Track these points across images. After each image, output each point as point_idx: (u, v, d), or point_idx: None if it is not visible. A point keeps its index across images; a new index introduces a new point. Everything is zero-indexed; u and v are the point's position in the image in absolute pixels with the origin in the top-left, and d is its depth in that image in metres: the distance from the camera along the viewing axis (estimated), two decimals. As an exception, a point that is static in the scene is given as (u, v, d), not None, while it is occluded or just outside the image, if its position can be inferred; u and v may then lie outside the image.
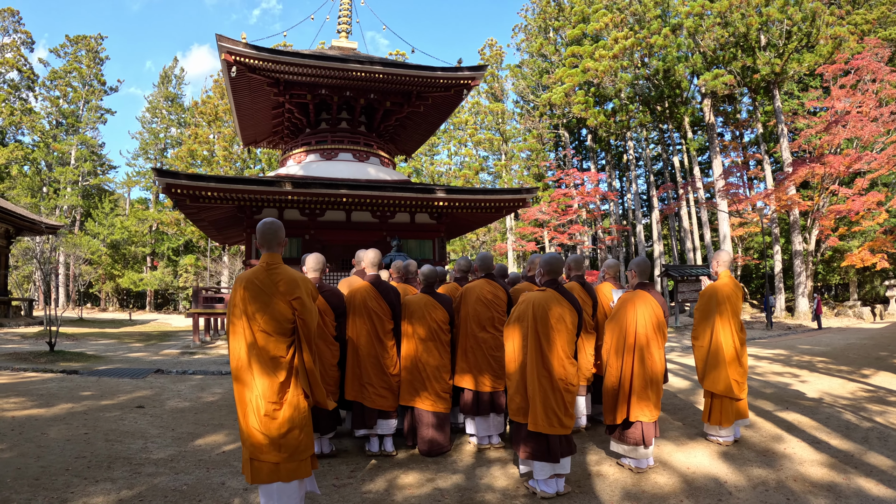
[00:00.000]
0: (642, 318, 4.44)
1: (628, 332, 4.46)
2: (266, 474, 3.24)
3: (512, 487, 4.10)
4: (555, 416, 3.86)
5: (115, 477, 4.25)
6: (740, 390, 4.91)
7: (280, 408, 3.25)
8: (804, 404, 6.49)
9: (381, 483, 4.22)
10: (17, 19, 47.23)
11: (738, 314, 5.04)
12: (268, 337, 3.25)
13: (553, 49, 41.09)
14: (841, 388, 7.45)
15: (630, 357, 4.41)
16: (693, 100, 35.48)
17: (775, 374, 9.00)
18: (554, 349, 3.93)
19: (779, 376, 8.70)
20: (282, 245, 3.46)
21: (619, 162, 46.19)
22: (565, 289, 4.18)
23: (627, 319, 4.50)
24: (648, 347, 4.39)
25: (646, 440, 4.32)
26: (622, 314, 4.56)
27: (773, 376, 8.70)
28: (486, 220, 21.22)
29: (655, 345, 4.42)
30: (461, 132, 52.03)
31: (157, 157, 52.15)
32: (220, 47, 16.24)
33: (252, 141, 25.26)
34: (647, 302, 4.54)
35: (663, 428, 5.60)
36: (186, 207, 17.75)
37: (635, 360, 4.38)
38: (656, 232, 37.82)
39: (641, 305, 4.50)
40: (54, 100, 48.25)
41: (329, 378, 4.85)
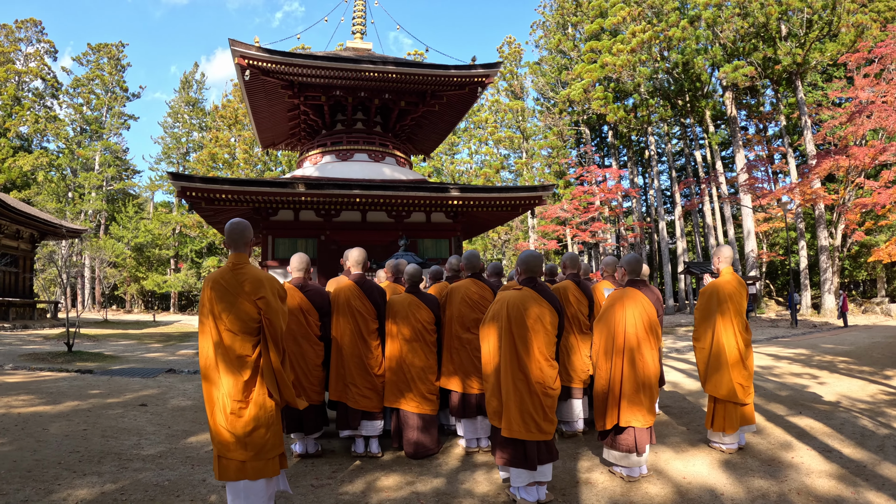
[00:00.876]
0: (632, 319, 4.22)
1: (617, 334, 4.25)
2: (233, 472, 3.28)
3: (492, 494, 3.97)
4: (532, 421, 3.68)
5: (102, 471, 4.41)
6: (745, 395, 4.66)
7: (246, 406, 3.29)
8: (819, 408, 6.21)
9: (360, 485, 4.18)
10: (39, 29, 48.50)
11: (741, 313, 4.80)
12: (234, 336, 3.28)
13: (571, 45, 40.67)
14: (861, 391, 7.13)
15: (620, 359, 4.20)
16: (714, 93, 34.80)
17: (793, 375, 8.72)
18: (531, 351, 3.75)
19: (797, 378, 8.41)
20: (248, 245, 3.49)
21: (641, 158, 45.61)
22: (545, 287, 3.96)
23: (615, 320, 4.28)
24: (639, 349, 4.18)
25: (638, 447, 4.10)
26: (610, 314, 4.34)
27: (790, 378, 8.43)
28: (503, 218, 21.05)
29: (647, 346, 4.20)
30: (481, 131, 51.92)
31: (180, 161, 52.93)
32: (234, 51, 16.38)
33: (270, 143, 25.46)
34: (638, 301, 4.30)
35: (664, 433, 5.42)
36: (203, 210, 17.96)
37: (625, 362, 4.18)
38: (679, 228, 37.24)
39: (631, 305, 4.27)
40: (78, 107, 49.27)
41: (313, 378, 4.86)
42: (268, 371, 3.39)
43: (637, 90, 34.75)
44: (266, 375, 3.38)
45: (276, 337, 3.40)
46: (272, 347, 3.39)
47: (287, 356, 4.58)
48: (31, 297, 27.59)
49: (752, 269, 29.57)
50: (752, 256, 29.77)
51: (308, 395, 4.78)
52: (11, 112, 44.31)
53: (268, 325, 3.37)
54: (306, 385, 4.81)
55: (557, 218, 40.16)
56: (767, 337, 16.63)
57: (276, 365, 3.41)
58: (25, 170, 42.50)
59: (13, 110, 44.44)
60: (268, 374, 3.38)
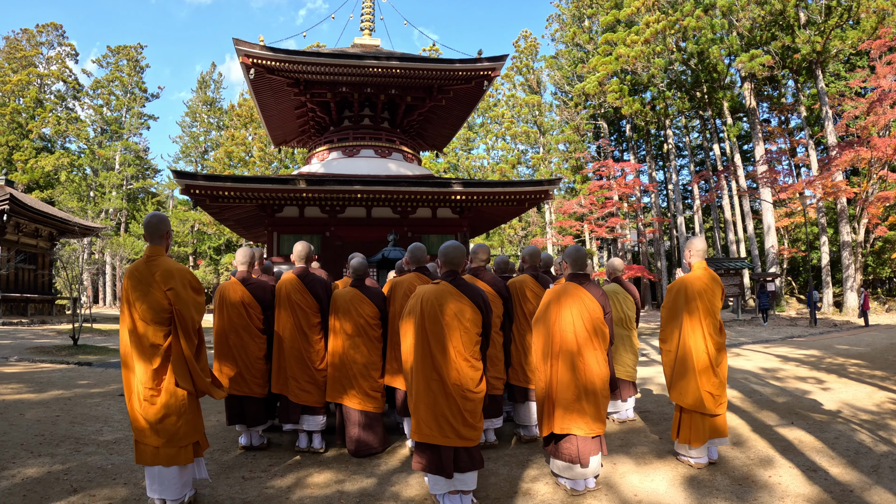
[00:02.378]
0: (570, 318, 3.81)
1: (553, 335, 3.85)
2: (148, 457, 3.42)
3: (419, 498, 3.80)
4: (448, 425, 3.40)
5: (56, 453, 4.69)
6: (716, 405, 4.19)
7: (158, 394, 3.40)
8: (815, 418, 5.71)
9: (289, 480, 4.16)
10: (60, 33, 49.55)
11: (713, 313, 4.30)
12: (146, 325, 3.40)
13: (587, 38, 40.08)
14: (867, 399, 6.53)
15: (557, 363, 3.83)
16: (734, 85, 33.97)
17: (798, 379, 8.18)
18: (446, 350, 3.44)
19: (801, 382, 7.89)
20: (164, 238, 3.60)
21: (660, 152, 44.85)
22: (465, 282, 3.64)
23: (551, 319, 3.88)
24: (580, 352, 3.77)
25: (582, 458, 3.72)
26: (546, 313, 3.95)
27: (793, 382, 7.91)
28: (511, 213, 20.74)
29: (590, 349, 3.79)
30: (498, 126, 51.59)
31: (198, 160, 53.48)
32: (238, 50, 16.47)
33: (282, 141, 25.56)
34: (578, 298, 3.86)
35: (632, 442, 5.06)
36: (209, 207, 18.02)
37: (563, 366, 3.80)
38: (698, 224, 36.56)
39: (570, 303, 3.86)
40: (98, 108, 50.03)
41: (256, 371, 4.88)
42: (178, 360, 3.46)
43: (651, 81, 34.05)
44: (176, 364, 3.45)
45: (186, 327, 3.47)
46: (182, 337, 3.46)
47: (231, 349, 4.84)
48: (51, 293, 28.10)
49: (773, 265, 28.82)
50: (772, 252, 28.99)
51: (251, 388, 4.83)
52: (34, 114, 45.18)
53: (178, 315, 3.45)
54: (248, 378, 4.84)
55: (574, 213, 39.67)
56: (783, 336, 16.02)
57: (188, 354, 3.48)
58: (47, 170, 43.29)
59: (35, 112, 45.32)
60: (178, 362, 3.46)
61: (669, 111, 35.10)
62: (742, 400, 6.68)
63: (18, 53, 46.97)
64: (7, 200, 21.24)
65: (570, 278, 4.07)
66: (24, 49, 47.57)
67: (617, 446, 4.95)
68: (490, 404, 4.86)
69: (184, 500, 3.55)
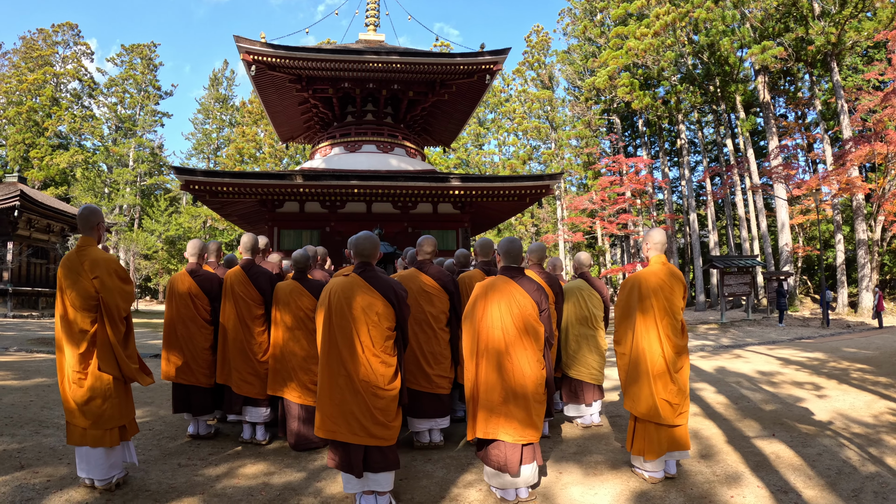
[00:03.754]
0: (497, 315, 3.56)
1: (479, 332, 3.60)
2: (77, 437, 3.57)
3: (340, 496, 3.69)
4: (357, 422, 3.27)
5: (17, 434, 4.95)
6: (674, 414, 3.80)
7: (85, 377, 3.54)
8: (801, 430, 5.23)
9: (222, 469, 4.21)
10: (76, 32, 50.23)
11: (671, 312, 3.91)
12: (76, 311, 3.55)
13: (599, 32, 39.53)
14: (864, 409, 6.02)
15: (483, 362, 3.58)
16: (748, 78, 33.22)
17: (794, 384, 7.69)
18: (353, 345, 3.31)
19: (797, 388, 7.40)
20: (94, 229, 3.75)
21: (674, 148, 44.19)
22: (377, 274, 3.51)
23: (478, 315, 3.62)
24: (508, 352, 3.52)
25: (510, 467, 3.46)
26: (473, 309, 3.69)
27: (789, 387, 7.45)
28: (513, 209, 20.49)
29: (520, 348, 3.53)
30: (510, 122, 51.29)
31: (210, 157, 53.89)
32: (239, 48, 16.52)
33: (289, 137, 25.62)
34: (507, 293, 3.60)
35: (590, 449, 4.78)
36: (210, 203, 18.12)
37: (489, 366, 3.55)
38: (711, 221, 35.94)
39: (498, 298, 3.59)
40: (112, 106, 50.66)
41: (202, 361, 4.97)
42: (104, 345, 3.59)
43: (662, 75, 33.47)
44: (102, 349, 3.58)
45: (111, 314, 3.61)
46: (108, 323, 3.60)
47: (178, 339, 4.98)
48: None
49: (787, 263, 28.19)
50: (786, 250, 28.34)
51: (197, 378, 4.94)
52: (50, 112, 45.79)
53: (103, 303, 3.59)
54: (195, 367, 4.94)
55: (585, 210, 39.25)
56: (792, 338, 15.49)
57: (114, 340, 3.60)
58: (62, 167, 43.87)
59: (51, 110, 45.92)
60: (104, 348, 3.59)
61: (681, 106, 34.44)
62: (726, 406, 6.34)
63: (35, 53, 47.61)
64: (17, 196, 21.53)
65: (502, 271, 3.80)
66: (41, 48, 48.22)
67: (571, 453, 4.68)
68: (435, 404, 4.74)
69: (111, 482, 3.65)
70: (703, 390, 7.31)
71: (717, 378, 8.22)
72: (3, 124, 44.45)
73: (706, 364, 9.74)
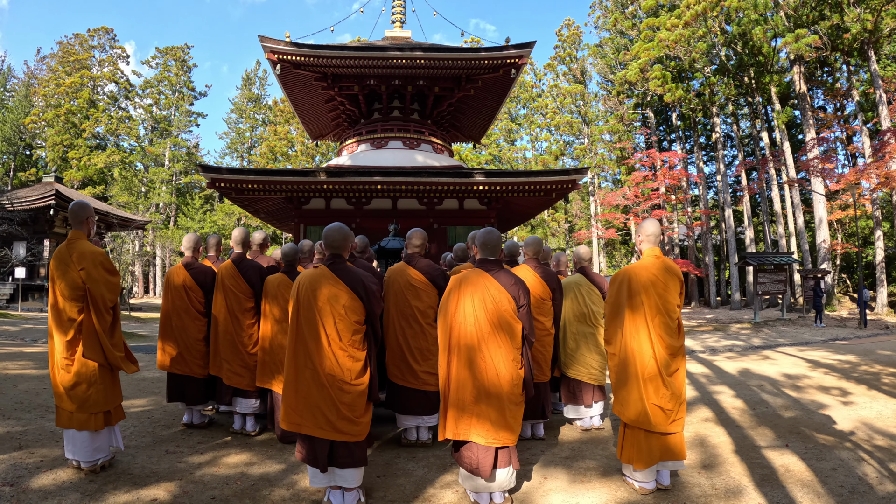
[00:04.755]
0: (471, 309, 3.39)
1: (452, 327, 3.44)
2: (64, 420, 3.79)
3: (312, 490, 3.69)
4: (322, 416, 3.23)
5: (23, 417, 5.27)
6: (667, 421, 3.51)
7: (72, 363, 3.74)
8: (819, 440, 4.84)
9: (206, 458, 4.34)
10: (111, 36, 51.82)
11: (664, 311, 3.61)
12: (65, 301, 3.76)
13: (630, 24, 38.78)
14: (892, 418, 5.60)
15: (455, 359, 3.43)
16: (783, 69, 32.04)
17: (820, 389, 7.22)
18: (319, 338, 3.26)
19: (822, 393, 6.96)
20: (83, 223, 3.95)
21: (709, 142, 43.11)
22: (346, 267, 3.46)
23: (450, 309, 3.47)
24: (481, 349, 3.34)
25: (482, 470, 3.29)
26: (446, 303, 3.54)
27: (813, 392, 7.00)
28: (540, 204, 20.26)
29: (494, 345, 3.35)
30: (542, 117, 50.87)
31: (244, 155, 54.79)
32: (264, 47, 16.73)
33: (319, 135, 25.85)
34: (481, 286, 3.43)
35: (583, 453, 4.53)
36: (237, 200, 18.36)
37: (461, 363, 3.39)
38: (747, 217, 34.94)
39: (471, 292, 3.42)
40: (147, 107, 51.95)
41: (195, 352, 5.12)
42: (89, 333, 3.78)
43: (694, 66, 32.61)
44: (87, 337, 3.77)
45: (97, 304, 3.79)
46: (94, 313, 3.78)
47: (173, 330, 5.16)
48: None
49: (824, 261, 27.19)
50: (823, 247, 27.30)
51: (191, 368, 5.10)
52: (87, 114, 47.22)
53: (89, 293, 3.78)
54: (188, 358, 5.10)
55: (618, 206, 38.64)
56: (826, 338, 14.84)
57: (99, 329, 3.78)
58: (99, 167, 45.19)
59: (89, 112, 47.36)
60: (89, 336, 3.77)
61: (715, 98, 33.49)
62: (742, 412, 5.99)
63: (71, 57, 49.18)
64: (52, 196, 22.18)
65: (477, 264, 3.62)
66: (77, 53, 49.80)
67: (562, 458, 4.47)
68: (423, 401, 4.69)
69: (96, 464, 3.86)
70: (720, 394, 7.02)
71: (739, 381, 7.92)
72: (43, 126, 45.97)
73: (730, 365, 9.42)
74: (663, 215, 35.90)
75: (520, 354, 3.46)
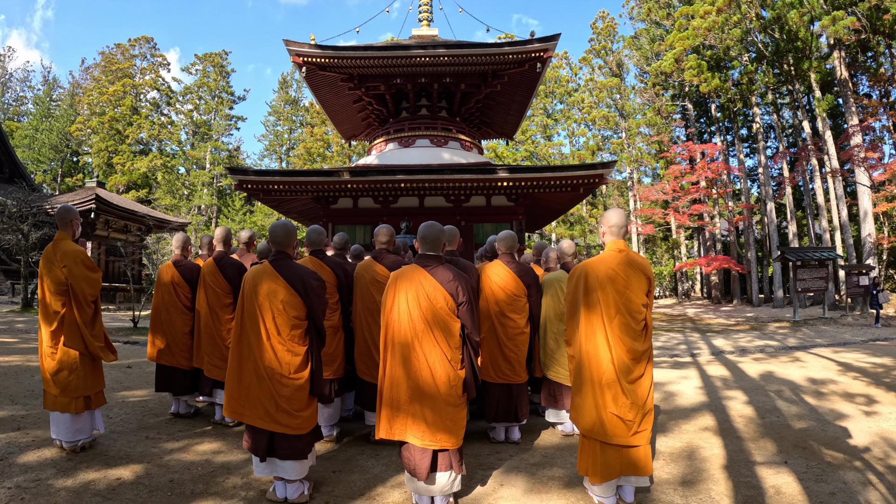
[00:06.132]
0: (405, 306, 3.31)
1: (388, 324, 3.39)
2: (49, 403, 4.17)
3: (265, 480, 3.77)
4: (262, 407, 3.30)
5: (28, 403, 5.63)
6: (627, 433, 3.18)
7: (56, 352, 4.12)
8: (826, 457, 4.33)
9: (180, 445, 4.57)
10: (152, 45, 53.71)
11: (626, 310, 3.28)
12: (51, 295, 4.13)
13: (665, 13, 37.82)
14: None
15: (388, 355, 3.36)
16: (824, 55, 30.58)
17: (844, 396, 6.57)
18: (259, 331, 3.35)
19: (845, 401, 6.33)
20: (68, 225, 4.29)
21: (750, 134, 41.69)
22: (289, 264, 3.49)
23: (388, 306, 3.42)
24: (415, 347, 3.25)
25: (418, 472, 3.20)
26: (385, 298, 3.48)
27: (836, 400, 6.39)
28: (570, 200, 19.90)
29: (430, 344, 3.25)
30: (578, 112, 50.23)
31: (283, 157, 55.80)
32: (290, 51, 17.05)
33: (351, 135, 26.14)
34: (418, 283, 3.33)
35: (555, 461, 4.27)
36: (266, 201, 18.73)
37: (396, 360, 3.32)
38: (790, 210, 33.65)
39: (406, 288, 3.34)
40: (188, 113, 53.51)
41: (181, 344, 5.40)
42: (70, 325, 4.13)
43: (728, 54, 31.49)
44: (68, 328, 4.12)
45: (78, 298, 4.15)
46: (76, 306, 4.14)
47: (162, 323, 5.49)
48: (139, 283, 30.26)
49: (870, 255, 25.91)
50: (869, 241, 25.99)
51: (177, 360, 5.39)
52: (130, 121, 48.98)
53: (71, 288, 4.14)
54: (175, 351, 5.39)
55: (657, 201, 37.78)
56: (866, 339, 13.76)
57: (79, 321, 4.14)
58: (142, 171, 46.77)
59: (132, 119, 49.07)
60: (70, 327, 4.13)
61: (754, 87, 32.30)
62: (748, 421, 5.51)
63: (114, 66, 51.22)
64: (93, 200, 23.02)
65: (416, 259, 3.52)
66: (119, 62, 51.83)
67: (529, 464, 4.26)
68: None
69: (77, 444, 4.21)
70: (731, 399, 6.57)
71: (757, 386, 7.40)
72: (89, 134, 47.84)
73: (754, 368, 8.91)
74: (704, 210, 34.94)
75: (459, 354, 3.36)
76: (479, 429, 5.10)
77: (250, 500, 3.47)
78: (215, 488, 3.65)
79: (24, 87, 60.67)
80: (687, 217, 33.44)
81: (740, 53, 31.89)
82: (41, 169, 50.86)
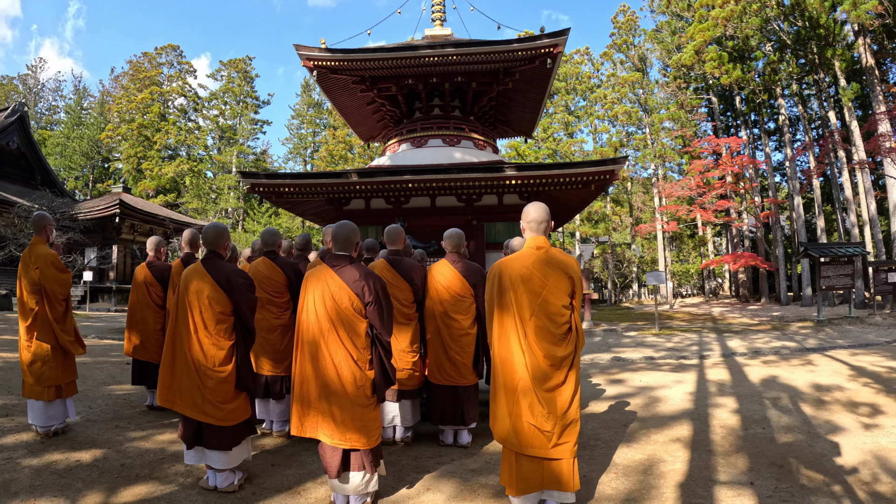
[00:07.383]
0: (312, 305, 3.33)
1: (300, 322, 3.43)
2: (26, 391, 4.58)
3: (204, 468, 3.96)
4: (189, 397, 3.53)
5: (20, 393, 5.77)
6: (546, 444, 2.96)
7: (31, 345, 4.54)
8: (802, 478, 3.86)
9: (142, 434, 4.86)
10: (178, 53, 55.10)
11: (544, 312, 3.05)
12: (26, 293, 4.56)
13: (685, 5, 37.08)
14: None
15: (300, 353, 3.38)
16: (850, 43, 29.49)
17: (848, 405, 6.07)
18: (188, 325, 3.55)
19: (847, 411, 5.82)
20: (42, 230, 4.69)
21: (777, 126, 40.62)
22: (217, 263, 3.69)
23: (300, 304, 3.48)
24: (321, 346, 3.26)
25: (329, 470, 3.21)
26: (300, 297, 3.52)
27: (836, 410, 5.88)
28: (581, 198, 19.62)
29: (336, 344, 3.24)
30: (600, 108, 49.70)
31: (307, 159, 56.47)
32: (300, 55, 17.26)
33: (369, 137, 26.29)
34: (324, 282, 3.33)
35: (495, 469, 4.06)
36: (279, 203, 18.96)
37: (306, 357, 3.34)
38: (817, 205, 32.67)
39: (314, 286, 3.36)
40: (214, 118, 54.64)
41: (154, 341, 5.70)
42: (42, 321, 4.54)
43: (748, 44, 30.63)
44: (41, 324, 4.53)
45: (49, 297, 4.56)
46: (48, 304, 4.56)
47: (137, 321, 5.84)
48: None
49: (902, 249, 25.01)
50: (900, 234, 25.09)
51: (150, 355, 5.69)
52: (158, 127, 50.25)
53: (43, 288, 4.55)
54: (149, 346, 5.70)
55: (681, 197, 37.07)
56: (891, 339, 12.85)
57: (51, 317, 4.55)
58: (170, 176, 47.99)
59: (160, 125, 50.31)
60: (42, 323, 4.54)
61: (777, 77, 31.41)
62: (727, 433, 5.08)
63: (141, 74, 52.75)
64: (117, 205, 23.61)
65: (326, 259, 3.50)
66: (146, 70, 53.29)
67: (468, 470, 4.10)
68: None
69: (49, 430, 4.61)
70: (719, 407, 6.16)
71: (754, 392, 6.97)
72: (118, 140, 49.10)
73: (759, 372, 8.46)
74: (730, 205, 34.15)
75: (367, 355, 3.35)
76: (431, 430, 5.04)
77: (185, 486, 3.67)
78: (159, 474, 3.89)
79: (56, 96, 62.96)
80: (712, 213, 32.72)
81: (762, 43, 31.06)
82: (73, 175, 52.53)
